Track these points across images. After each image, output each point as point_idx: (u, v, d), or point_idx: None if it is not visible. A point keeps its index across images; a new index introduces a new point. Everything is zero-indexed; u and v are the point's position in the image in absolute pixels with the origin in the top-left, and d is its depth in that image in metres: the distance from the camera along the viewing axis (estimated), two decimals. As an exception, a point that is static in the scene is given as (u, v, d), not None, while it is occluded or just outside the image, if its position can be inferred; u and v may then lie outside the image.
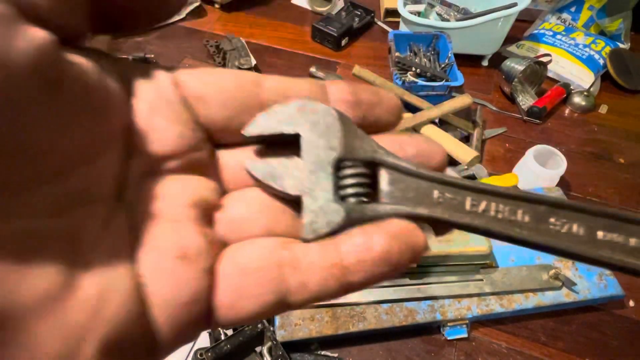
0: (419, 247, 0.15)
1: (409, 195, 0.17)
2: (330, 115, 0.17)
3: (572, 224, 0.17)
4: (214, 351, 0.63)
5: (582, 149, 1.04)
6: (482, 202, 0.17)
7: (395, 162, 0.17)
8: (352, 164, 0.17)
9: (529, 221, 0.17)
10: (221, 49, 1.16)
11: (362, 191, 0.17)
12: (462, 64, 1.13)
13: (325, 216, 0.16)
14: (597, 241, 0.16)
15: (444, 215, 0.17)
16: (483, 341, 0.72)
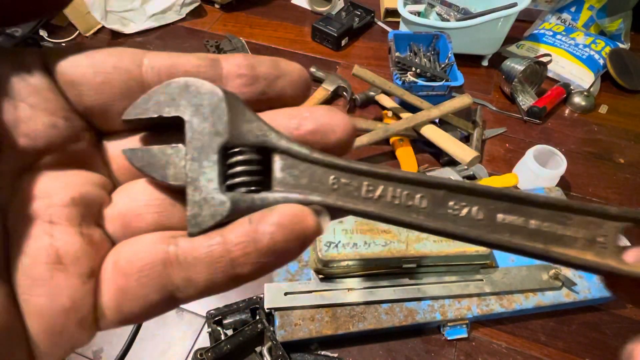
0: (308, 234, 0.14)
1: (302, 182, 0.16)
2: (216, 96, 0.15)
3: (472, 207, 0.16)
4: (214, 351, 0.62)
5: (582, 149, 1.04)
6: (378, 188, 0.16)
7: (288, 146, 0.16)
8: (241, 150, 0.16)
9: (427, 206, 0.16)
10: (221, 49, 1.16)
11: (251, 179, 0.16)
12: (462, 64, 1.13)
13: (209, 208, 0.15)
14: (496, 224, 0.16)
15: (337, 202, 0.16)
16: (483, 341, 0.72)
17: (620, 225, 0.16)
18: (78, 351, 0.70)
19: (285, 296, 0.68)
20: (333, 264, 0.66)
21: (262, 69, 0.16)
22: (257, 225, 0.14)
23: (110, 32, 1.23)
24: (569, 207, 0.16)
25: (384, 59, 1.20)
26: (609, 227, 0.16)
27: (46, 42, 1.19)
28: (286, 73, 0.17)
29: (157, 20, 1.26)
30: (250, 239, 0.14)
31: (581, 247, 0.16)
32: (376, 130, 0.91)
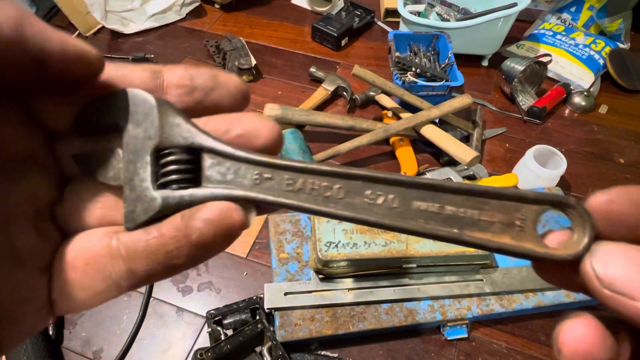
0: (234, 228, 0.16)
1: (228, 178, 0.17)
2: (148, 103, 0.17)
3: (388, 196, 0.17)
4: (214, 351, 0.62)
5: (582, 149, 1.04)
6: (298, 180, 0.17)
7: (215, 145, 0.17)
8: (171, 151, 0.17)
9: (344, 196, 0.17)
10: (221, 49, 1.16)
11: (181, 177, 0.17)
12: (462, 64, 1.13)
13: (142, 205, 0.16)
14: (411, 211, 0.17)
15: (259, 196, 0.17)
16: (483, 341, 0.72)
17: (539, 209, 0.17)
18: (78, 351, 0.70)
19: (285, 296, 0.68)
20: (333, 264, 0.66)
21: (200, 80, 0.18)
22: (188, 220, 0.16)
23: (110, 32, 1.23)
24: (484, 193, 0.17)
25: (384, 59, 1.20)
26: (527, 210, 0.17)
27: (46, 42, 1.19)
28: (223, 84, 0.18)
29: (157, 20, 1.26)
30: (182, 233, 0.15)
31: (497, 231, 0.17)
32: (376, 130, 0.91)
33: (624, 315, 0.14)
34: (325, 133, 1.01)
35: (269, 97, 1.10)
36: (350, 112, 1.07)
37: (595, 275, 0.15)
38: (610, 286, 0.14)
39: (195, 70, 0.18)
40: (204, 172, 0.17)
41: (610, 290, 0.14)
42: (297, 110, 0.94)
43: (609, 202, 0.15)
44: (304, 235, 0.77)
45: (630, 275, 0.14)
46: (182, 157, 0.17)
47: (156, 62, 1.17)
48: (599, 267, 0.15)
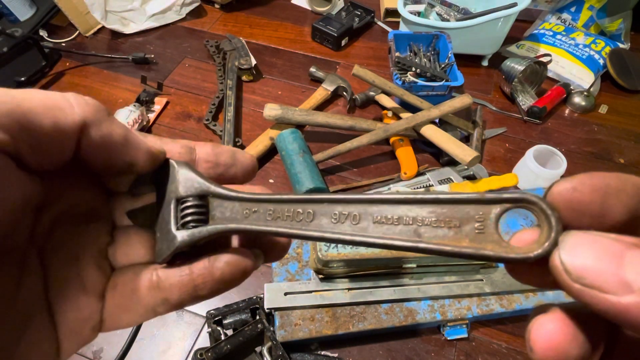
0: (247, 269, 0.20)
1: (226, 215, 0.21)
2: (173, 167, 0.21)
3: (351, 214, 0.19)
4: (214, 351, 0.62)
5: (582, 149, 1.04)
6: (277, 209, 0.20)
7: (216, 190, 0.21)
8: (188, 199, 0.21)
9: (313, 218, 0.20)
10: (221, 49, 1.16)
11: (195, 218, 0.21)
12: (462, 64, 1.13)
13: (167, 243, 0.21)
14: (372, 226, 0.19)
15: (247, 227, 0.20)
16: (483, 341, 0.72)
17: (499, 209, 0.17)
18: (78, 351, 0.70)
19: (285, 296, 0.68)
20: (333, 264, 0.66)
21: (223, 158, 0.23)
22: (213, 262, 0.20)
23: (110, 32, 1.23)
24: (439, 200, 0.17)
25: (384, 59, 1.20)
26: (486, 212, 0.17)
27: (46, 42, 1.19)
28: (239, 162, 0.23)
29: (157, 20, 1.26)
30: (207, 271, 0.20)
31: (456, 236, 0.17)
32: (376, 130, 0.91)
33: (597, 309, 0.13)
34: (325, 133, 1.01)
35: (269, 97, 1.10)
36: (350, 112, 1.07)
37: (564, 269, 0.14)
38: (580, 280, 0.13)
39: (220, 149, 0.23)
40: (211, 213, 0.21)
41: (580, 284, 0.13)
42: (297, 110, 0.94)
43: (571, 190, 0.15)
44: (304, 235, 0.77)
45: (600, 266, 0.13)
46: (195, 202, 0.21)
47: (156, 62, 1.17)
48: (567, 259, 0.14)
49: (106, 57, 1.17)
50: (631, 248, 0.13)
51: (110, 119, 0.18)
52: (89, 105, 0.17)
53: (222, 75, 1.12)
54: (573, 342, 0.15)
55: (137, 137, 0.20)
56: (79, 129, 0.17)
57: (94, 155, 0.18)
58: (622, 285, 0.12)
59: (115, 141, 0.18)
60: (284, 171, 0.92)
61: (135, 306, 0.20)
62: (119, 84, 1.12)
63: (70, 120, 0.17)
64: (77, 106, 0.17)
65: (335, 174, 0.95)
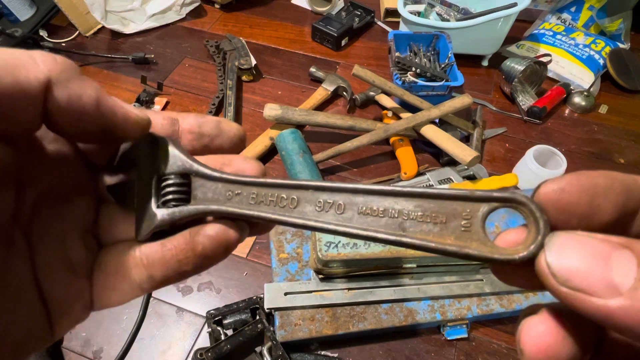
0: (230, 243, 0.19)
1: (208, 196, 0.20)
2: (155, 142, 0.20)
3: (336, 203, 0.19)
4: (214, 351, 0.62)
5: (582, 149, 1.04)
6: (261, 193, 0.20)
7: (199, 169, 0.20)
8: (169, 177, 0.20)
9: (297, 205, 0.20)
10: (221, 49, 1.16)
11: (176, 197, 0.20)
12: (462, 64, 1.13)
13: (146, 221, 0.20)
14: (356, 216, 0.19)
15: (228, 209, 0.20)
16: (483, 341, 0.72)
17: (487, 208, 0.16)
18: (78, 351, 0.70)
19: (285, 296, 0.68)
20: (333, 264, 0.66)
21: (206, 128, 0.22)
22: (194, 236, 0.19)
23: (110, 32, 1.23)
24: (427, 195, 0.17)
25: (384, 59, 1.20)
26: (473, 210, 0.16)
27: (46, 42, 1.19)
28: (225, 133, 0.22)
29: (157, 20, 1.26)
30: (189, 246, 0.19)
31: (441, 233, 0.17)
32: (376, 130, 0.91)
33: (584, 313, 0.13)
34: (325, 133, 1.01)
35: (269, 97, 1.10)
36: (350, 112, 1.07)
37: (550, 272, 0.13)
38: (567, 282, 0.13)
39: (204, 119, 0.22)
40: (193, 192, 0.21)
41: (567, 287, 0.13)
42: (297, 110, 0.94)
43: (559, 191, 0.15)
44: (304, 235, 0.77)
45: (586, 268, 0.13)
46: (177, 180, 0.20)
47: (156, 62, 1.17)
48: (554, 262, 0.13)
49: (106, 57, 1.17)
50: (618, 248, 0.13)
51: (81, 79, 0.17)
52: (56, 62, 0.16)
53: (222, 75, 1.12)
54: (563, 344, 0.14)
55: (113, 101, 0.18)
56: (43, 88, 0.16)
57: (63, 119, 0.17)
58: (609, 287, 0.12)
59: (85, 103, 0.17)
60: (284, 171, 0.92)
61: (121, 284, 0.19)
62: (119, 84, 1.12)
63: (33, 78, 0.15)
64: (42, 63, 0.16)
65: (335, 174, 0.95)
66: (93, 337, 0.71)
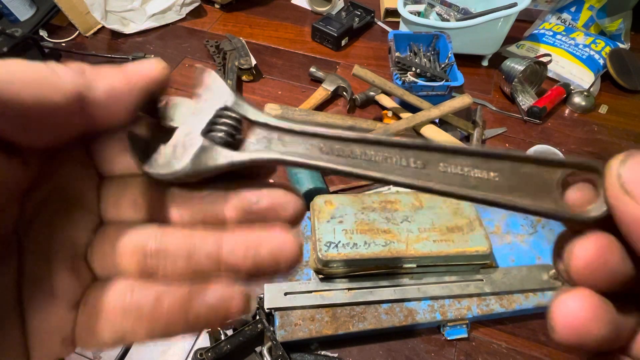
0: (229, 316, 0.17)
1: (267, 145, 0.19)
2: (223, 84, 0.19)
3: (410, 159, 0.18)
4: (214, 351, 0.62)
5: (582, 149, 1.04)
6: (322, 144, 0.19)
7: (269, 121, 0.19)
8: (231, 114, 0.19)
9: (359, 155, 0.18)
10: (221, 49, 1.16)
11: (227, 132, 0.19)
12: (462, 64, 1.13)
13: (183, 149, 0.18)
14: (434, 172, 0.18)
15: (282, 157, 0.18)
16: (483, 341, 0.72)
17: (562, 172, 0.16)
18: (78, 351, 0.70)
19: (285, 296, 0.68)
20: (333, 264, 0.66)
21: None
22: (192, 300, 0.17)
23: (110, 32, 1.23)
24: (507, 156, 0.17)
25: (384, 59, 1.20)
26: (551, 173, 0.17)
27: (46, 42, 1.19)
28: None
29: (157, 20, 1.26)
30: (183, 309, 0.17)
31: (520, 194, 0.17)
32: (376, 130, 0.91)
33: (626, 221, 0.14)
34: (325, 133, 1.01)
35: (269, 97, 1.10)
36: (350, 112, 1.07)
37: (618, 173, 0.14)
38: (625, 185, 0.14)
39: None
40: (246, 143, 0.19)
41: (623, 191, 0.14)
42: (297, 110, 0.94)
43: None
44: (304, 235, 0.77)
45: None
46: (235, 123, 0.19)
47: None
48: (624, 172, 0.14)
49: (106, 57, 1.17)
50: None
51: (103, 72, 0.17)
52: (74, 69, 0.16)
53: (222, 75, 1.12)
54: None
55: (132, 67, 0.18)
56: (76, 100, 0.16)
57: (106, 116, 0.17)
58: None
59: (119, 87, 0.17)
60: (284, 171, 0.92)
61: (102, 328, 0.17)
62: (119, 84, 1.12)
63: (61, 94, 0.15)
64: (64, 74, 0.16)
65: (336, 174, 0.95)
66: (93, 337, 0.71)
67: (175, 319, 0.17)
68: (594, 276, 0.15)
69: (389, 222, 0.70)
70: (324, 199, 0.72)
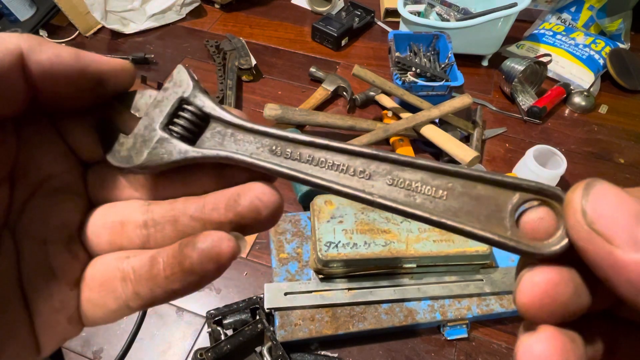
0: (223, 258, 0.17)
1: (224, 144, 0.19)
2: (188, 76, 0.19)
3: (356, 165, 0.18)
4: (214, 351, 0.62)
5: (582, 149, 1.04)
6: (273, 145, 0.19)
7: (223, 116, 0.19)
8: (189, 109, 0.19)
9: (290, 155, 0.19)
10: (221, 49, 1.16)
11: (185, 128, 0.19)
12: (462, 64, 1.13)
13: (142, 142, 0.19)
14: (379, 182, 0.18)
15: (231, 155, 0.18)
16: (483, 341, 0.72)
17: (516, 197, 0.15)
18: (78, 351, 0.70)
19: (285, 296, 0.68)
20: (333, 264, 0.66)
21: None
22: (184, 249, 0.17)
23: (110, 32, 1.23)
24: (458, 174, 0.16)
25: (384, 59, 1.20)
26: (506, 196, 0.15)
27: (46, 42, 1.19)
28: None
29: (157, 20, 1.26)
30: (177, 260, 0.17)
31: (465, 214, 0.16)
32: (376, 130, 0.91)
33: (594, 260, 0.13)
34: (325, 133, 1.01)
35: (269, 97, 1.10)
36: (350, 112, 1.07)
37: (581, 209, 0.13)
38: (592, 224, 0.13)
39: None
40: (202, 137, 0.19)
41: (590, 229, 0.13)
42: (297, 110, 0.94)
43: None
44: (304, 235, 0.77)
45: (616, 217, 0.13)
46: (193, 117, 0.19)
47: (156, 62, 1.17)
48: (588, 203, 0.13)
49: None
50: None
51: (54, 44, 0.17)
52: (24, 36, 0.16)
53: (222, 75, 1.12)
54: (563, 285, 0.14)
55: (92, 54, 0.18)
56: (18, 59, 0.16)
57: (49, 84, 0.17)
58: (630, 241, 0.12)
59: (64, 59, 0.17)
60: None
61: (106, 300, 0.18)
62: (119, 84, 1.12)
63: (4, 50, 0.15)
64: (8, 37, 0.16)
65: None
66: (93, 337, 0.71)
67: (172, 273, 0.17)
68: (541, 313, 0.14)
69: (389, 222, 0.70)
70: (324, 199, 0.72)
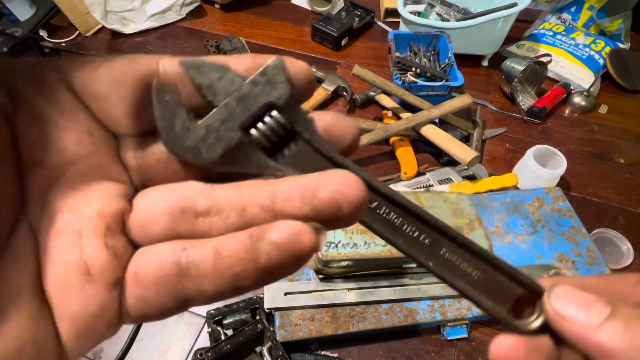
0: (303, 252, 0.15)
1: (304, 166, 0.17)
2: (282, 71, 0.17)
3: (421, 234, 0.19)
4: (214, 351, 0.62)
5: (582, 149, 1.04)
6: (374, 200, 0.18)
7: (311, 138, 0.17)
8: (279, 116, 0.17)
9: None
10: (221, 49, 1.16)
11: (269, 135, 0.17)
12: (462, 64, 1.13)
13: (217, 138, 0.16)
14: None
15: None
16: (483, 341, 0.72)
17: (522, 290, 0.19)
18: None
19: (285, 296, 0.68)
20: (333, 264, 0.66)
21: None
22: (257, 242, 0.15)
23: (110, 32, 1.23)
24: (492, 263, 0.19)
25: (384, 59, 1.20)
26: (514, 287, 0.19)
27: (46, 42, 1.19)
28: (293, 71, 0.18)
29: (157, 20, 1.26)
30: (250, 255, 0.15)
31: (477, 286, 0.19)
32: (376, 130, 0.91)
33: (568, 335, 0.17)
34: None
35: (269, 97, 1.10)
36: (350, 112, 1.07)
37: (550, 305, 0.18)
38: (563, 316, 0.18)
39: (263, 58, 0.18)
40: (284, 152, 0.17)
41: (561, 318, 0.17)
42: (297, 110, 0.94)
43: None
44: (304, 235, 0.77)
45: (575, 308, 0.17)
46: (280, 130, 0.17)
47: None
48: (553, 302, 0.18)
49: (106, 57, 1.17)
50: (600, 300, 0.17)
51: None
52: None
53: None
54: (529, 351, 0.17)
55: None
56: None
57: None
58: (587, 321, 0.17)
59: None
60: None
61: (162, 299, 0.16)
62: (119, 84, 1.12)
63: None
64: None
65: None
66: (93, 337, 0.71)
67: (243, 267, 0.15)
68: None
69: (389, 222, 0.70)
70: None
